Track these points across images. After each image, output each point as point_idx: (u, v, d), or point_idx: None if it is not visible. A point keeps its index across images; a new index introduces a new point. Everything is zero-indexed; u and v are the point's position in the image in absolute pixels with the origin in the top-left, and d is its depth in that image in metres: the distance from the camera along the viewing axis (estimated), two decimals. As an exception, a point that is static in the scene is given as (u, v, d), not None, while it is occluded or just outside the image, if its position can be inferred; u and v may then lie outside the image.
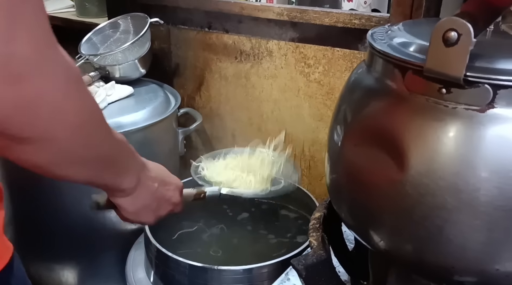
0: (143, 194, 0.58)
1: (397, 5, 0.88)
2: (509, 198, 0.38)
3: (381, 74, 0.46)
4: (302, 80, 1.06)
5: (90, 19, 1.41)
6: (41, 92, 0.36)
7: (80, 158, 0.44)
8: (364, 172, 0.46)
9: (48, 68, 0.36)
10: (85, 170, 0.46)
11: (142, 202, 0.58)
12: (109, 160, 0.49)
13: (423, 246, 0.43)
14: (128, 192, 0.55)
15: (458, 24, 0.36)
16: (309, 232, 0.57)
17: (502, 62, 0.39)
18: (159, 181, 0.60)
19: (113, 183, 0.53)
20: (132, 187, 0.55)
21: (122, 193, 0.55)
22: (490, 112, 0.38)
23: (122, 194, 0.56)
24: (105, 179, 0.51)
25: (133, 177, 0.54)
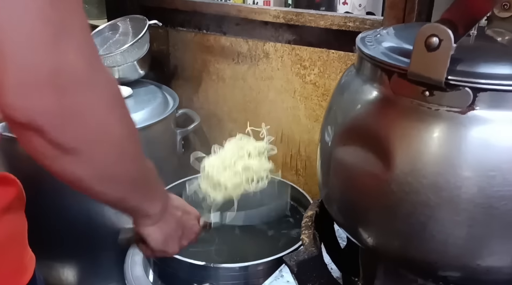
0: (169, 222, 0.58)
1: (390, 8, 0.90)
2: (488, 196, 0.40)
3: (369, 77, 0.47)
4: (298, 81, 1.08)
5: (90, 20, 1.43)
6: (89, 104, 0.38)
7: (116, 177, 0.45)
8: (353, 170, 0.47)
9: (97, 81, 0.38)
10: (119, 188, 0.47)
11: (169, 229, 0.59)
12: (140, 181, 0.50)
13: (408, 242, 0.45)
14: (155, 219, 0.56)
15: (439, 30, 0.38)
16: (302, 229, 0.59)
17: (482, 66, 0.41)
18: (182, 210, 0.62)
19: (140, 206, 0.53)
20: (158, 213, 0.55)
21: (149, 219, 0.56)
22: (471, 114, 0.40)
23: (149, 222, 0.56)
24: (134, 200, 0.52)
25: (159, 202, 0.55)
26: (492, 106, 0.40)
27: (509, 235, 0.41)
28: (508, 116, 0.40)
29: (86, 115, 0.38)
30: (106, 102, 0.40)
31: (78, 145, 0.39)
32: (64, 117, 0.37)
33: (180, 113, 1.24)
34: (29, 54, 0.34)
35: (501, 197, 0.40)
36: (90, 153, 0.41)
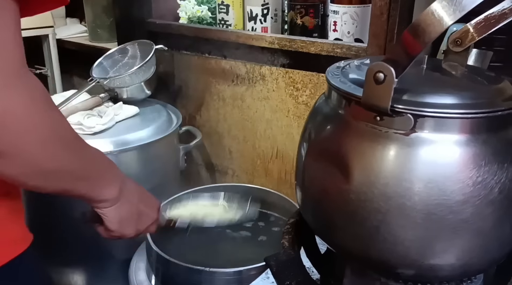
0: (126, 205, 0.61)
1: (373, 37, 0.99)
2: (427, 204, 0.48)
3: (334, 104, 0.56)
4: (291, 102, 1.17)
5: (101, 44, 1.54)
6: (7, 110, 0.40)
7: (48, 170, 0.47)
8: (321, 182, 0.56)
9: (14, 91, 0.40)
10: (56, 182, 0.50)
11: (125, 212, 0.62)
12: (80, 174, 0.52)
13: (367, 243, 0.53)
14: (112, 202, 0.59)
15: (384, 67, 0.46)
16: (283, 235, 0.68)
17: (425, 96, 0.49)
18: (139, 196, 0.65)
19: (91, 193, 0.56)
20: (114, 197, 0.59)
21: (106, 203, 0.59)
22: (413, 136, 0.48)
23: (106, 204, 0.59)
24: (80, 190, 0.54)
25: (114, 188, 0.58)
26: (430, 129, 0.48)
27: (446, 237, 0.49)
28: (443, 138, 0.48)
29: (7, 121, 0.40)
30: (26, 108, 0.41)
31: (2, 148, 0.41)
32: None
33: (183, 130, 1.33)
34: None
35: (438, 205, 0.48)
36: (16, 153, 0.42)
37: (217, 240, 1.13)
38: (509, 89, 0.52)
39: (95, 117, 1.13)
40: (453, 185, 0.47)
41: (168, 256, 0.94)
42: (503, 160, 0.47)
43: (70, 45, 1.59)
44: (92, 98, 1.20)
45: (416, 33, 0.43)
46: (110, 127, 1.13)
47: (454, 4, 0.41)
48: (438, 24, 0.42)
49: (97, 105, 1.20)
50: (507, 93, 0.51)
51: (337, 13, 1.10)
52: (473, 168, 0.47)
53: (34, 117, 0.43)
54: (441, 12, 0.42)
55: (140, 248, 1.12)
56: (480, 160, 0.47)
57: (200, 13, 1.35)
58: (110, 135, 1.10)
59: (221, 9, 1.27)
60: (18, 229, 0.56)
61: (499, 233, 0.51)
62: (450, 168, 0.47)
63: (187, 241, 1.10)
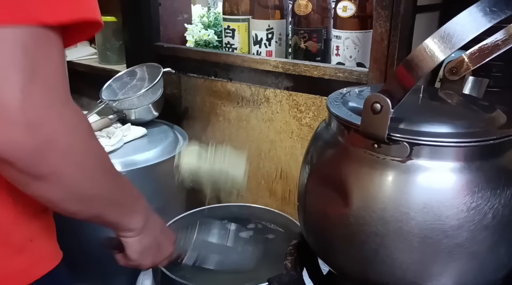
0: (149, 237, 0.63)
1: (374, 62, 1.02)
2: (423, 228, 0.50)
3: (334, 130, 0.59)
4: (295, 124, 1.20)
5: (110, 66, 1.58)
6: (54, 137, 0.42)
7: (87, 196, 0.50)
8: (321, 205, 0.58)
9: (60, 118, 0.43)
10: (91, 208, 0.52)
11: (147, 244, 0.63)
12: (114, 200, 0.55)
13: (365, 266, 0.55)
14: (137, 232, 0.61)
15: (381, 98, 0.49)
16: (286, 256, 0.69)
17: (418, 125, 0.52)
18: (161, 229, 0.67)
19: (119, 221, 0.58)
20: (140, 227, 0.60)
21: (131, 232, 0.60)
22: (409, 163, 0.51)
23: (132, 234, 0.61)
24: (110, 217, 0.56)
25: (140, 218, 0.60)
26: (426, 157, 0.50)
27: (442, 260, 0.51)
28: (438, 165, 0.50)
29: (51, 148, 0.42)
30: (69, 137, 0.44)
31: (47, 172, 0.43)
32: (31, 151, 0.41)
33: (189, 150, 1.35)
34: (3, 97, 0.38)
35: (433, 229, 0.50)
36: (59, 178, 0.44)
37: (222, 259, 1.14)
38: (501, 118, 0.55)
39: (104, 138, 1.16)
40: (448, 210, 0.49)
41: (174, 275, 0.96)
42: (496, 186, 0.50)
43: (80, 67, 1.63)
44: (101, 119, 1.24)
45: (410, 68, 0.46)
46: (119, 148, 1.15)
47: (445, 41, 0.43)
48: (430, 60, 0.44)
49: (106, 127, 1.23)
50: (499, 122, 0.54)
51: (339, 38, 1.13)
52: (467, 194, 0.49)
53: (77, 144, 0.45)
54: (433, 49, 0.45)
55: (146, 267, 1.14)
56: (474, 187, 0.49)
57: (206, 37, 1.39)
58: (118, 156, 1.13)
59: (227, 33, 1.31)
60: (51, 245, 0.59)
61: (494, 257, 0.52)
62: (445, 194, 0.50)
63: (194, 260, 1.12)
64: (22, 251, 0.53)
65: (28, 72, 0.40)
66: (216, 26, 1.43)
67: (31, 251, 0.54)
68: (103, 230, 1.08)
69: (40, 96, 0.41)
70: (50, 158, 0.43)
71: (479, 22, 0.43)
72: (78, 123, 0.46)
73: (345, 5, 1.11)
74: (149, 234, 0.63)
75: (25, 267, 0.54)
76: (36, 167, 0.43)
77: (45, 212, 0.57)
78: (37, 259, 0.55)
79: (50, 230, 0.59)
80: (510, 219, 0.50)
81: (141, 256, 0.64)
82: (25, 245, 0.54)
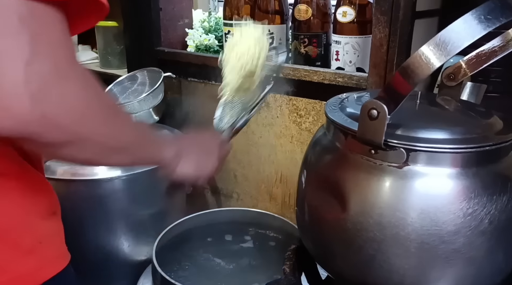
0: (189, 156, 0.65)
1: (373, 67, 1.02)
2: (419, 234, 0.50)
3: (332, 136, 0.59)
4: (295, 128, 1.20)
5: (111, 70, 1.59)
6: (64, 100, 0.41)
7: (116, 147, 0.51)
8: (319, 210, 0.58)
9: (68, 81, 0.42)
10: (126, 155, 0.54)
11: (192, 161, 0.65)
12: (142, 143, 0.57)
13: (363, 271, 0.55)
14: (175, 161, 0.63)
15: (377, 105, 0.49)
16: (284, 261, 0.70)
17: (414, 131, 0.52)
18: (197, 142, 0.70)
19: (154, 158, 0.60)
20: (173, 155, 0.62)
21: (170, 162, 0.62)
22: (406, 168, 0.51)
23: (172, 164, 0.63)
24: (146, 157, 0.59)
25: (170, 148, 0.62)
26: (422, 162, 0.51)
27: (439, 266, 0.51)
28: (434, 171, 0.50)
29: (64, 111, 0.41)
30: (81, 95, 0.43)
31: (67, 137, 0.43)
32: (44, 122, 0.40)
33: (189, 154, 1.36)
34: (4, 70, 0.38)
35: (430, 235, 0.50)
36: (82, 139, 0.45)
37: (221, 264, 1.15)
38: (498, 124, 0.55)
39: (105, 142, 1.17)
40: (445, 216, 0.50)
41: (173, 280, 0.96)
42: (492, 192, 0.50)
43: (81, 71, 1.64)
44: (102, 123, 1.24)
45: (406, 75, 0.46)
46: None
47: (440, 49, 0.44)
48: (425, 67, 0.45)
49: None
50: (496, 128, 0.54)
51: (339, 43, 1.14)
52: (463, 200, 0.49)
53: (88, 102, 0.45)
54: (428, 56, 0.45)
55: (146, 271, 1.14)
56: (470, 192, 0.50)
57: (207, 41, 1.40)
58: (118, 160, 1.13)
59: (227, 37, 1.32)
60: (60, 247, 0.60)
61: (490, 262, 0.53)
62: (441, 199, 0.50)
63: (193, 264, 1.13)
64: (31, 253, 0.54)
65: (28, 43, 0.39)
66: (217, 31, 1.43)
67: (40, 253, 0.55)
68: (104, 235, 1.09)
69: (45, 65, 0.40)
70: (66, 123, 0.42)
71: (474, 30, 0.43)
72: (86, 83, 0.45)
73: (345, 10, 1.11)
74: (189, 154, 0.65)
75: (34, 269, 0.55)
76: (55, 136, 0.42)
77: (55, 214, 0.58)
78: (46, 261, 0.56)
79: (59, 232, 0.60)
80: (506, 225, 0.51)
81: (197, 171, 0.66)
82: (34, 247, 0.54)
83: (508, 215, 0.50)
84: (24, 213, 0.53)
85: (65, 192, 1.08)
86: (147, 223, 1.19)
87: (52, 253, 0.57)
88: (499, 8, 0.44)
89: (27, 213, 0.53)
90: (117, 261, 1.19)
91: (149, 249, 1.11)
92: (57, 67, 0.41)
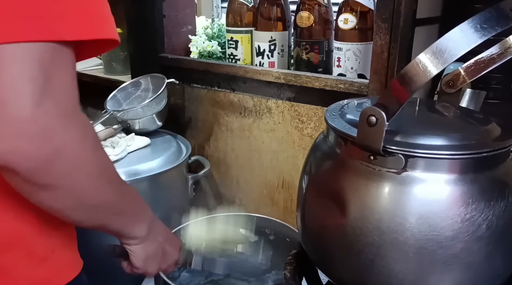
0: (153, 244, 0.64)
1: (374, 74, 1.03)
2: (418, 239, 0.51)
3: (332, 142, 0.60)
4: (296, 134, 1.21)
5: (115, 76, 1.60)
6: (61, 146, 0.42)
7: (91, 205, 0.50)
8: (319, 215, 0.59)
9: (68, 129, 0.43)
10: (96, 216, 0.53)
11: (151, 251, 0.64)
12: (119, 208, 0.55)
13: (362, 276, 0.56)
14: (141, 240, 0.62)
15: (376, 112, 0.50)
16: (285, 266, 0.70)
17: (413, 137, 0.53)
18: (165, 236, 0.68)
19: (123, 229, 0.59)
20: (144, 235, 0.61)
21: (135, 240, 0.61)
22: (404, 174, 0.52)
23: (135, 242, 0.62)
24: (114, 225, 0.57)
25: (144, 226, 0.61)
26: (420, 169, 0.51)
27: (438, 271, 0.52)
28: (433, 177, 0.51)
29: (59, 157, 0.42)
30: (77, 146, 0.44)
31: (52, 182, 0.44)
32: (40, 161, 0.41)
33: (192, 160, 1.36)
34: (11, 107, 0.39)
35: (428, 240, 0.51)
36: (65, 187, 0.45)
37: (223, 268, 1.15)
38: (495, 130, 0.56)
39: (108, 148, 1.18)
40: (443, 222, 0.50)
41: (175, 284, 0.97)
42: (489, 198, 0.51)
43: (85, 77, 1.66)
44: (105, 129, 1.26)
45: (404, 82, 0.47)
46: (123, 158, 1.17)
47: (437, 57, 0.45)
48: (423, 74, 0.46)
49: (110, 136, 1.25)
50: (493, 134, 0.55)
51: (340, 49, 1.15)
52: (461, 206, 0.50)
53: (84, 154, 0.46)
54: (426, 63, 0.46)
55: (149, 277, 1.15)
56: (468, 198, 0.50)
57: (210, 48, 1.42)
58: (122, 166, 1.14)
59: (230, 44, 1.33)
60: (73, 254, 0.60)
61: (488, 267, 0.53)
62: (439, 205, 0.50)
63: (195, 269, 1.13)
64: (44, 262, 0.54)
65: (41, 86, 0.40)
66: (220, 37, 1.45)
67: (53, 261, 0.55)
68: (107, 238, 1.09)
69: (52, 108, 0.41)
70: (58, 168, 0.43)
71: (470, 39, 0.44)
72: (85, 134, 0.46)
73: (346, 17, 1.12)
74: (153, 242, 0.64)
75: (47, 277, 0.55)
76: (43, 177, 0.43)
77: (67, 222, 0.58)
78: (59, 269, 0.56)
79: (71, 240, 0.60)
80: (504, 230, 0.51)
81: (145, 263, 0.65)
82: (47, 256, 0.55)
83: (505, 220, 0.51)
84: (37, 222, 0.53)
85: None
86: (150, 227, 1.20)
87: (65, 261, 0.58)
88: (494, 17, 0.44)
89: (40, 223, 0.53)
90: (120, 266, 1.20)
91: (151, 254, 1.12)
92: (63, 111, 0.42)
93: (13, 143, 0.40)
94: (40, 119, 0.40)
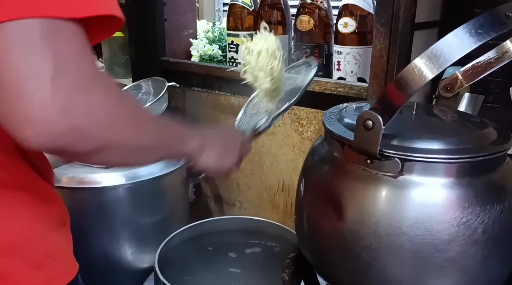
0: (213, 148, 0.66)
1: (374, 77, 1.04)
2: (414, 243, 0.51)
3: (330, 146, 0.60)
4: (296, 137, 1.21)
5: (117, 79, 1.61)
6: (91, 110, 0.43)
7: (143, 147, 0.52)
8: (317, 219, 0.59)
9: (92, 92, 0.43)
10: (154, 153, 0.55)
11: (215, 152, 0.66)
12: (167, 139, 0.58)
13: (360, 279, 0.56)
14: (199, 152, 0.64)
15: (373, 116, 0.51)
16: (283, 269, 0.71)
17: (409, 141, 0.53)
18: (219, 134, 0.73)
19: (180, 151, 0.62)
20: (197, 147, 0.63)
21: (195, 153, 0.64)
22: (401, 178, 0.52)
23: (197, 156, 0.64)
24: (172, 152, 0.61)
25: (195, 140, 0.63)
26: (417, 172, 0.52)
27: (434, 274, 0.52)
28: (429, 181, 0.51)
29: (91, 121, 0.43)
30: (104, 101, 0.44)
31: (97, 145, 0.44)
32: (73, 134, 0.41)
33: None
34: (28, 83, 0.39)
35: (425, 243, 0.51)
36: (111, 144, 0.46)
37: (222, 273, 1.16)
38: (492, 134, 0.56)
39: (109, 150, 1.18)
40: (439, 225, 0.50)
41: (175, 287, 0.97)
42: (485, 202, 0.51)
43: (87, 80, 1.66)
44: (106, 132, 1.26)
45: (400, 86, 0.48)
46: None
47: (433, 61, 0.45)
48: (418, 79, 0.46)
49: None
50: (490, 138, 0.55)
51: (340, 53, 1.15)
52: (457, 209, 0.50)
53: (113, 109, 0.46)
54: (421, 68, 0.46)
55: (148, 279, 1.15)
56: (464, 202, 0.50)
57: (211, 51, 1.42)
58: (122, 169, 1.14)
59: (231, 48, 1.34)
60: (68, 259, 0.60)
61: (485, 271, 0.53)
62: (435, 209, 0.51)
63: (195, 272, 1.13)
64: (40, 267, 0.54)
65: (51, 60, 0.40)
66: (221, 41, 1.46)
67: (48, 266, 0.55)
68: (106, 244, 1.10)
69: (69, 79, 0.41)
70: (94, 132, 0.44)
71: (465, 44, 0.44)
72: (109, 92, 0.46)
73: (346, 21, 1.13)
74: (212, 146, 0.66)
75: (43, 282, 0.55)
76: (85, 145, 0.44)
77: (64, 225, 0.58)
78: (54, 274, 0.56)
79: (67, 244, 0.60)
80: (500, 234, 0.51)
81: (218, 166, 0.68)
82: (43, 261, 0.55)
83: (501, 224, 0.51)
84: (33, 225, 0.53)
85: (69, 199, 1.09)
86: (150, 230, 1.20)
87: (61, 266, 0.58)
88: (490, 22, 0.45)
89: (36, 226, 0.53)
90: (120, 269, 1.20)
91: (151, 257, 1.12)
92: (81, 79, 0.42)
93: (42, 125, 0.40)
94: (60, 93, 0.40)
